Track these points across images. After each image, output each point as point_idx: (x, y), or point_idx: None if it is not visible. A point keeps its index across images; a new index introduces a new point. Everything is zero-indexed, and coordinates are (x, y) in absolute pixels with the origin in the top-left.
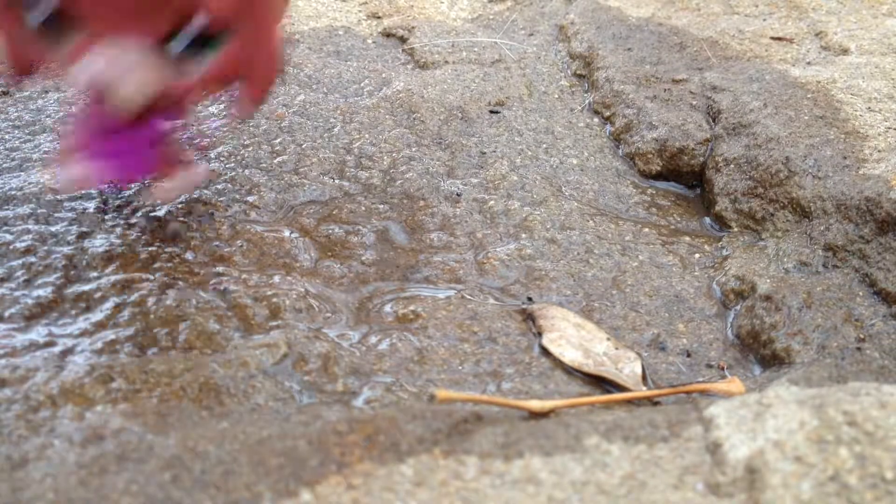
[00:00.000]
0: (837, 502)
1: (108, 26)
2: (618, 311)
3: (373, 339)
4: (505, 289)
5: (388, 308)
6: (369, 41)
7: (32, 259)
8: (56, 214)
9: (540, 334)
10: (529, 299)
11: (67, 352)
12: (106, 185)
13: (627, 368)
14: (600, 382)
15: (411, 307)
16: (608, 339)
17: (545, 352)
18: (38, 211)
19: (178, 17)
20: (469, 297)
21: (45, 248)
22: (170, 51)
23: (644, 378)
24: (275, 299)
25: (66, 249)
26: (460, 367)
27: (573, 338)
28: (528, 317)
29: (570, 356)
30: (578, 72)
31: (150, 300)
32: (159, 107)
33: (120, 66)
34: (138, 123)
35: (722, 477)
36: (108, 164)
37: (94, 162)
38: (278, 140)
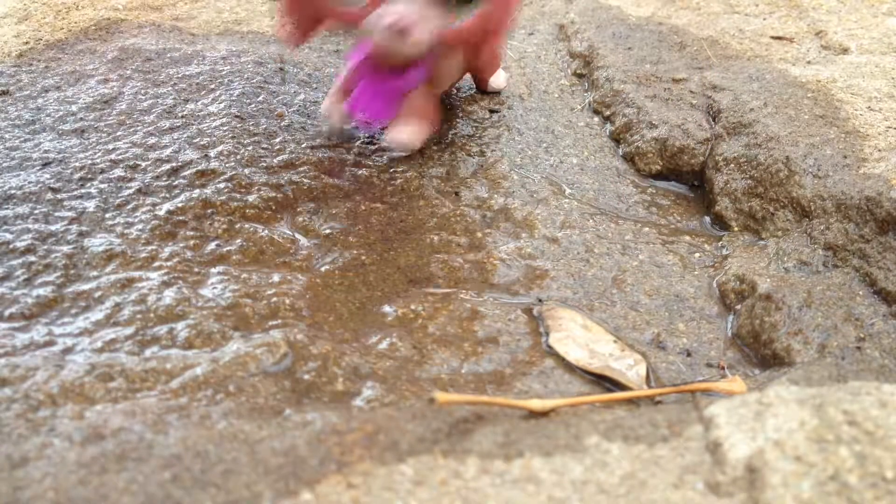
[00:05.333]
0: (837, 501)
1: None
2: (618, 311)
3: (373, 339)
4: (505, 288)
5: (388, 307)
6: None
7: (32, 258)
8: (56, 213)
9: (547, 334)
10: (539, 300)
11: (67, 351)
12: (362, 124)
13: (632, 370)
14: (601, 382)
15: (411, 306)
16: (614, 340)
17: (550, 351)
18: (38, 210)
19: None
20: (469, 296)
21: (45, 247)
22: (448, 4)
23: (647, 378)
24: (274, 298)
25: (66, 248)
26: (460, 367)
27: (580, 338)
28: (538, 317)
29: (576, 355)
30: (578, 71)
31: (150, 299)
32: (419, 59)
33: (412, 16)
34: (400, 73)
35: (722, 476)
36: (370, 106)
37: (361, 102)
38: (278, 139)
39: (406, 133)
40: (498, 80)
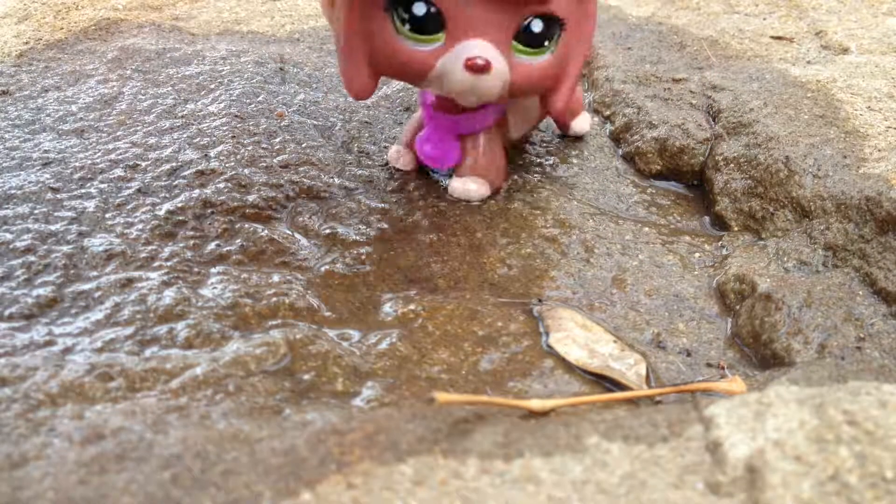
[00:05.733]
0: (838, 501)
1: (469, 27)
2: (618, 311)
3: (373, 339)
4: (505, 288)
5: (388, 307)
6: None
7: (32, 258)
8: (56, 213)
9: (547, 333)
10: (539, 300)
11: (67, 351)
12: (428, 167)
13: (632, 370)
14: (602, 382)
15: (411, 306)
16: (614, 340)
17: (550, 351)
18: (38, 210)
19: (522, 20)
20: (469, 296)
21: (45, 247)
22: (514, 49)
23: (647, 378)
24: (274, 298)
25: (66, 248)
26: (460, 367)
27: (579, 338)
28: (538, 317)
29: (576, 355)
30: None
31: (150, 299)
32: (492, 101)
33: (490, 51)
34: (466, 117)
35: (722, 476)
36: (436, 152)
37: (427, 146)
38: (278, 139)
39: (472, 186)
40: (581, 123)
